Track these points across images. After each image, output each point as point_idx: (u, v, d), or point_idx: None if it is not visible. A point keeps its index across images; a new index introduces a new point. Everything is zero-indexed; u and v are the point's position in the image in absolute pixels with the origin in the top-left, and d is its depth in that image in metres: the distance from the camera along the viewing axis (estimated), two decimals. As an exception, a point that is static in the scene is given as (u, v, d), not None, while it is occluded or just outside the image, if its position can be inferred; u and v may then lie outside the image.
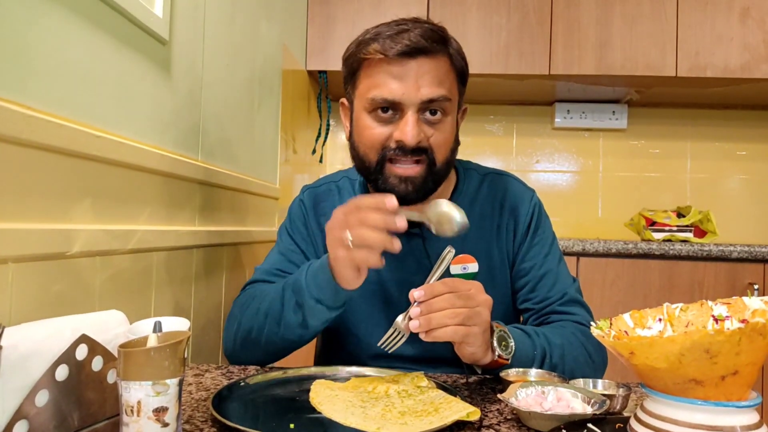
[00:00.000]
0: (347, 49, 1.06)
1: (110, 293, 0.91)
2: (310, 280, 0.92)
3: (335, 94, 2.68)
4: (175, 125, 1.15)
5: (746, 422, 0.54)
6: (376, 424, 0.71)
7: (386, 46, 0.96)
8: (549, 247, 1.11)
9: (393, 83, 0.96)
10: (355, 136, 1.04)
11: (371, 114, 0.99)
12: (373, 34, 1.00)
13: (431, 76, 0.96)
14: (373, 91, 0.97)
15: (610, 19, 2.31)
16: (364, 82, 1.00)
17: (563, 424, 0.68)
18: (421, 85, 0.96)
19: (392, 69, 0.96)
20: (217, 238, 1.34)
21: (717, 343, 0.52)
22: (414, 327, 0.84)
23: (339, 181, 1.19)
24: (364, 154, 1.01)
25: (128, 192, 0.97)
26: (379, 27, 1.01)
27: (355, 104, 1.03)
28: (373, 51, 0.97)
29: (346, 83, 1.07)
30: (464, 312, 0.84)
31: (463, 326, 0.84)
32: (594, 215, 2.71)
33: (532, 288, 1.09)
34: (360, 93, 1.01)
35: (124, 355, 0.57)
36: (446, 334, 0.83)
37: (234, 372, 0.97)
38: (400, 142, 0.96)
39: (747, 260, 2.01)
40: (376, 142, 0.99)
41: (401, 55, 0.95)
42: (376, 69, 0.98)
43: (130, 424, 0.57)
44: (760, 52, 2.27)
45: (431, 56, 0.97)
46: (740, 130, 2.70)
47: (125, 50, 0.97)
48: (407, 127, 0.96)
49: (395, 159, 0.98)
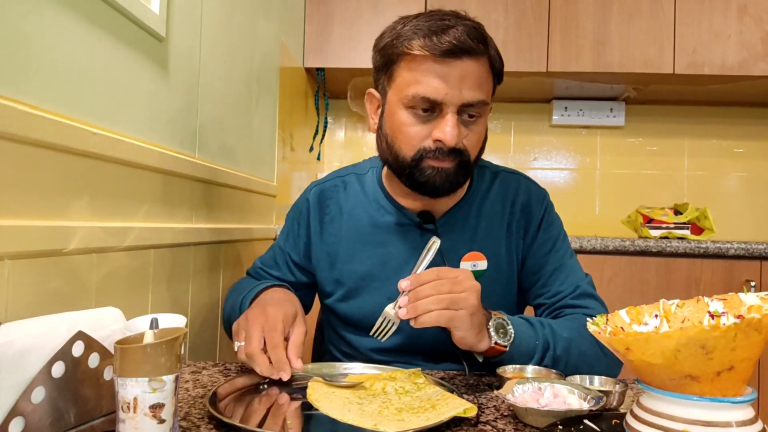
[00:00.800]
0: (381, 37, 1.04)
1: (107, 290, 0.91)
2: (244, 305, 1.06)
3: (333, 92, 2.68)
4: (172, 122, 1.15)
5: (741, 417, 0.54)
6: (373, 420, 0.71)
7: (432, 43, 0.94)
8: (561, 243, 1.13)
9: (436, 82, 0.95)
10: (388, 129, 1.03)
11: (409, 110, 0.98)
12: (414, 27, 0.97)
13: (473, 79, 0.96)
14: (415, 88, 0.96)
15: (607, 17, 2.31)
16: (404, 76, 0.98)
17: (559, 420, 0.68)
18: (462, 87, 0.95)
19: (436, 67, 0.95)
20: (215, 236, 1.34)
21: (713, 338, 0.52)
22: (402, 314, 0.86)
23: (346, 177, 1.19)
24: (399, 149, 1.01)
25: (125, 189, 0.97)
26: (418, 19, 0.99)
27: (390, 97, 1.02)
28: (418, 47, 0.95)
29: (378, 73, 1.05)
30: (449, 297, 0.85)
31: (448, 310, 0.85)
32: (591, 212, 2.71)
33: (544, 283, 1.10)
34: (398, 87, 0.99)
35: (121, 351, 0.57)
36: (432, 319, 0.85)
37: (231, 369, 0.97)
38: (440, 142, 0.97)
39: (744, 257, 2.01)
40: (413, 139, 0.99)
41: (447, 54, 0.94)
42: (419, 65, 0.96)
43: (126, 421, 0.57)
44: (758, 50, 2.27)
45: (474, 58, 0.96)
46: (738, 127, 2.71)
47: (122, 47, 0.97)
48: (447, 127, 0.95)
49: (432, 158, 0.98)
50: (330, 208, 1.16)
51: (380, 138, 1.06)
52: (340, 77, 2.48)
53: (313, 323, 1.38)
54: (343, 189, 1.17)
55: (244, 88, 1.60)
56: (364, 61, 2.34)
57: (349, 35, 2.35)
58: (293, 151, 2.20)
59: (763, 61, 2.27)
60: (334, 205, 1.16)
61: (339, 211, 1.15)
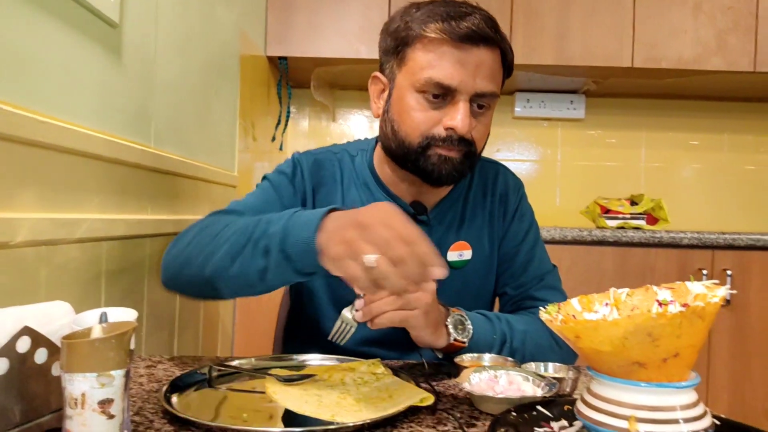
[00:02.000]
0: (391, 20, 1.02)
1: (57, 284, 0.89)
2: (292, 232, 0.76)
3: (296, 81, 2.65)
4: (125, 111, 1.12)
5: (686, 402, 0.55)
6: (330, 411, 0.71)
7: (450, 27, 0.92)
8: (531, 234, 1.14)
9: (452, 68, 0.93)
10: (395, 114, 1.00)
11: (420, 95, 0.96)
12: (430, 12, 0.95)
13: (487, 69, 0.95)
14: (429, 72, 0.94)
15: (569, 10, 2.34)
16: (417, 59, 0.96)
17: (513, 406, 0.69)
18: (477, 76, 0.94)
19: (453, 52, 0.93)
20: (172, 227, 1.32)
21: (659, 326, 0.53)
22: (358, 317, 0.86)
23: (338, 153, 1.13)
24: (406, 135, 0.98)
25: (76, 179, 0.94)
26: (434, 4, 0.97)
27: (399, 80, 0.99)
28: (435, 30, 0.93)
29: (387, 56, 1.02)
30: (404, 298, 0.85)
31: (402, 311, 0.85)
32: (552, 203, 2.76)
33: (512, 273, 1.12)
34: (410, 70, 0.97)
35: (68, 346, 0.55)
36: (387, 320, 0.85)
37: (187, 363, 0.95)
38: (451, 130, 0.95)
39: (697, 247, 2.08)
40: (422, 125, 0.96)
41: (465, 39, 0.92)
42: (435, 48, 0.94)
43: (74, 417, 0.55)
44: (711, 46, 2.34)
45: (490, 47, 0.95)
46: (693, 120, 2.78)
47: (72, 33, 0.93)
48: (460, 115, 0.94)
49: (440, 146, 0.96)
50: (325, 179, 1.09)
51: (385, 123, 1.02)
52: (303, 66, 2.45)
53: (272, 313, 1.37)
54: (338, 164, 1.11)
55: (203, 76, 1.57)
56: (328, 50, 2.32)
57: (312, 24, 2.32)
58: (255, 141, 2.17)
59: (716, 56, 2.34)
60: (329, 177, 1.09)
61: (334, 185, 1.09)
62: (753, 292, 2.08)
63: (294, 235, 0.76)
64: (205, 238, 0.87)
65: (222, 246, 0.83)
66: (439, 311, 0.91)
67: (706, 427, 0.55)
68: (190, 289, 0.93)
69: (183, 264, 0.89)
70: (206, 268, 0.84)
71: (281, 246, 0.77)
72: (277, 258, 0.77)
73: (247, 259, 0.80)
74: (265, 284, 0.81)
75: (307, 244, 0.74)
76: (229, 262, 0.82)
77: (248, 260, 0.80)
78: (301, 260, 0.76)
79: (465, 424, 0.69)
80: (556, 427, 0.65)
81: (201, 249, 0.86)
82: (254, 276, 0.80)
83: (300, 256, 0.75)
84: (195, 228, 0.93)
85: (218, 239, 0.85)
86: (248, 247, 0.80)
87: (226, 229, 0.85)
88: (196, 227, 0.94)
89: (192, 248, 0.89)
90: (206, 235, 0.88)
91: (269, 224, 0.80)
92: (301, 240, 0.75)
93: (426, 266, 0.67)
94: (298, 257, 0.76)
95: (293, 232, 0.76)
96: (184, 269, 0.89)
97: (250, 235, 0.81)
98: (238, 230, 0.83)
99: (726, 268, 2.06)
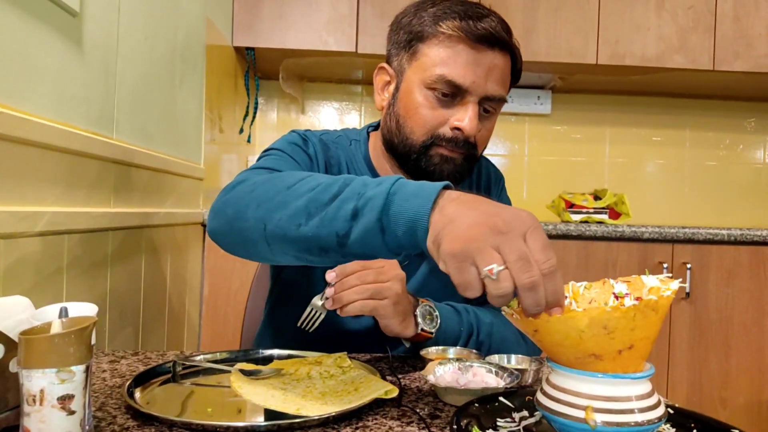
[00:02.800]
0: (404, 13, 1.00)
1: (16, 278, 0.87)
2: (396, 199, 0.63)
3: (264, 72, 2.62)
4: (86, 102, 1.10)
5: (640, 392, 0.57)
6: (295, 405, 0.71)
7: (468, 26, 0.91)
8: None
9: (465, 68, 0.92)
10: (401, 109, 0.99)
11: (430, 91, 0.95)
12: (447, 8, 0.94)
13: (499, 73, 0.95)
14: (442, 69, 0.93)
15: (535, 6, 2.37)
16: (430, 55, 0.94)
17: (476, 398, 0.70)
18: (489, 79, 0.93)
19: (468, 52, 0.92)
20: (136, 220, 1.30)
21: (614, 319, 0.55)
22: (328, 305, 0.86)
23: (336, 139, 1.09)
24: (411, 131, 0.97)
25: (35, 171, 0.92)
26: (450, 2, 0.96)
27: (409, 75, 0.98)
28: (453, 27, 0.92)
29: (398, 49, 1.00)
30: (373, 287, 0.86)
31: (372, 300, 0.85)
32: (519, 197, 2.80)
33: None
34: (422, 65, 0.95)
35: (26, 342, 0.54)
36: (356, 309, 0.85)
37: (151, 358, 0.94)
38: (458, 131, 0.94)
39: (657, 240, 2.13)
40: (429, 122, 0.95)
41: (481, 40, 0.92)
42: (451, 45, 0.93)
43: (32, 414, 0.54)
44: (673, 43, 2.39)
45: (504, 52, 0.95)
46: (656, 116, 2.85)
47: (30, 21, 0.91)
48: (468, 116, 0.93)
49: (444, 146, 0.95)
50: (333, 159, 1.05)
51: (389, 117, 1.01)
52: (271, 57, 2.43)
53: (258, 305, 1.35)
54: (340, 148, 1.08)
55: (167, 66, 1.55)
56: (297, 41, 2.30)
57: (280, 14, 2.30)
58: (222, 132, 2.14)
59: (678, 54, 2.39)
60: (335, 159, 1.06)
61: (340, 168, 1.06)
62: (711, 284, 2.15)
63: (399, 204, 0.62)
64: (273, 188, 0.73)
65: (297, 199, 0.69)
66: (408, 301, 0.92)
67: (660, 416, 0.57)
68: (239, 242, 0.78)
69: (239, 213, 0.75)
70: (269, 222, 0.71)
71: (380, 213, 0.63)
72: (368, 224, 0.64)
73: (328, 219, 0.66)
74: (340, 253, 0.68)
75: (415, 219, 0.61)
76: (303, 219, 0.68)
77: (328, 221, 0.66)
78: (399, 235, 0.63)
79: (428, 416, 0.70)
80: (518, 417, 0.66)
81: (267, 199, 0.72)
82: (331, 240, 0.66)
83: (399, 229, 0.62)
84: (255, 177, 0.79)
85: (293, 191, 0.71)
86: (333, 205, 0.66)
87: (302, 182, 0.71)
88: (256, 177, 0.79)
89: (254, 196, 0.74)
90: (275, 184, 0.74)
91: (366, 186, 0.66)
92: (409, 211, 0.62)
93: (550, 302, 0.56)
94: (399, 229, 0.62)
95: (398, 200, 0.63)
96: (239, 219, 0.75)
97: (337, 193, 0.67)
98: (321, 186, 0.69)
99: (686, 262, 2.12)
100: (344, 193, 0.67)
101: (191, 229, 1.77)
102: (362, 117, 2.79)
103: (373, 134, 1.10)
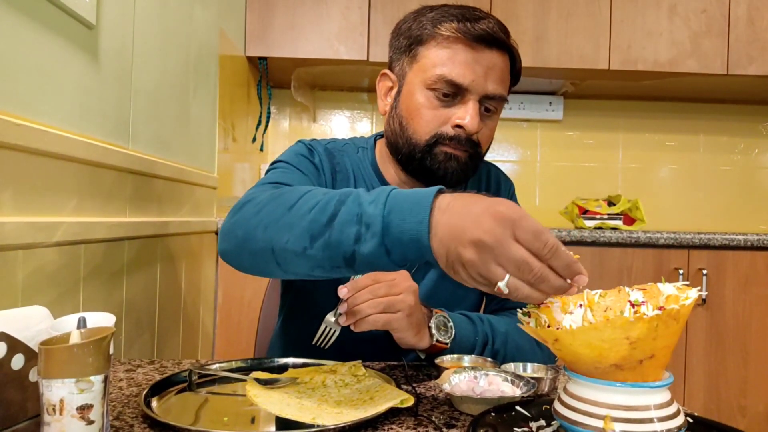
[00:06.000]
0: (404, 20, 1.03)
1: (34, 288, 0.87)
2: (394, 217, 0.64)
3: (276, 81, 2.64)
4: (102, 113, 1.11)
5: (660, 401, 0.57)
6: (311, 414, 0.71)
7: (465, 27, 0.93)
8: None
9: (464, 67, 0.94)
10: (403, 111, 1.00)
11: (431, 92, 0.96)
12: (444, 12, 0.96)
13: (498, 72, 0.96)
14: (441, 69, 0.94)
15: (546, 13, 2.37)
16: (430, 56, 0.97)
17: (492, 407, 0.70)
18: (488, 78, 0.95)
19: (467, 52, 0.94)
20: (151, 230, 1.31)
21: (636, 329, 0.54)
22: (342, 321, 0.86)
23: (343, 147, 1.11)
24: (414, 131, 0.98)
25: (53, 182, 0.93)
26: (447, 7, 0.98)
27: (410, 78, 1.00)
28: (450, 29, 0.94)
29: (398, 54, 1.03)
30: (386, 300, 0.85)
31: (385, 314, 0.85)
32: (532, 204, 2.79)
33: None
34: (422, 67, 0.97)
35: (45, 352, 0.55)
36: (369, 324, 0.85)
37: (167, 367, 0.95)
38: (460, 128, 0.95)
39: (673, 246, 2.11)
40: (431, 122, 0.97)
41: (479, 40, 0.93)
42: (449, 46, 0.95)
43: (52, 424, 0.55)
44: (686, 48, 2.38)
45: (502, 52, 0.96)
46: (669, 121, 2.83)
47: (48, 34, 0.92)
48: (469, 113, 0.94)
49: (447, 144, 0.97)
50: (340, 166, 1.07)
51: (393, 119, 1.03)
52: (283, 67, 2.45)
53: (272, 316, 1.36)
54: (345, 156, 1.10)
55: (181, 76, 1.56)
56: (308, 50, 2.31)
57: (292, 24, 2.32)
58: (235, 141, 2.16)
59: (690, 59, 2.38)
60: (342, 166, 1.07)
61: (346, 174, 1.07)
62: (728, 291, 2.12)
63: (397, 225, 0.64)
64: (277, 209, 0.74)
65: (300, 220, 0.71)
66: (421, 312, 0.92)
67: (679, 425, 0.56)
68: (251, 264, 0.80)
69: (247, 235, 0.76)
70: (277, 245, 0.72)
71: (381, 237, 0.65)
72: (372, 248, 0.65)
73: (333, 243, 0.68)
74: (349, 270, 0.70)
75: (416, 238, 0.63)
76: (308, 242, 0.69)
77: (334, 245, 0.68)
78: (404, 252, 0.65)
79: (444, 425, 0.70)
80: (535, 426, 0.66)
81: (272, 221, 0.74)
82: (338, 261, 0.68)
83: (403, 248, 0.64)
84: (261, 195, 0.80)
85: (295, 212, 0.72)
86: (334, 228, 0.68)
87: (302, 201, 0.73)
88: (262, 195, 0.80)
89: (260, 218, 0.75)
90: (278, 204, 0.75)
91: (360, 205, 0.67)
92: (409, 231, 0.63)
93: (567, 278, 0.59)
94: (403, 248, 0.64)
95: (395, 220, 0.64)
96: (249, 242, 0.76)
97: (334, 213, 0.68)
98: (319, 205, 0.70)
99: (702, 268, 2.10)
100: (341, 214, 0.68)
101: (205, 237, 1.78)
102: (373, 124, 2.80)
103: (379, 142, 1.12)
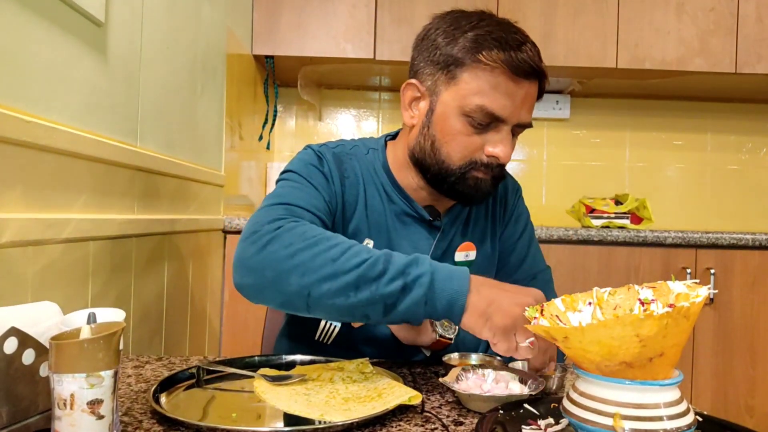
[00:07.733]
0: (435, 28, 0.98)
1: (44, 284, 0.88)
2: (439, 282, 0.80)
3: (283, 80, 2.64)
4: (111, 110, 1.12)
5: (669, 399, 0.56)
6: (319, 410, 0.72)
7: (510, 59, 0.91)
8: (527, 235, 1.17)
9: (505, 99, 0.92)
10: (437, 132, 0.98)
11: (466, 118, 0.94)
12: (488, 35, 0.92)
13: (531, 101, 0.96)
14: (482, 99, 0.92)
15: (553, 12, 2.36)
16: (471, 83, 0.93)
17: (500, 405, 0.70)
18: (523, 108, 0.95)
19: (509, 84, 0.92)
20: (158, 227, 1.31)
21: (646, 327, 0.54)
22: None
23: (351, 150, 1.08)
24: (448, 155, 0.97)
25: (62, 179, 0.94)
26: (485, 23, 0.95)
27: (445, 98, 0.96)
28: (496, 59, 0.91)
29: (432, 67, 0.98)
30: None
31: None
32: (538, 203, 2.78)
33: (505, 271, 1.13)
34: (461, 92, 0.94)
35: (56, 347, 0.55)
36: None
37: (175, 363, 0.95)
38: (494, 158, 0.96)
39: (680, 246, 2.10)
40: (467, 149, 0.96)
41: (521, 73, 0.92)
42: (491, 77, 0.92)
43: (62, 418, 0.55)
44: (694, 46, 2.37)
45: (537, 80, 0.95)
46: (677, 120, 2.81)
47: (57, 32, 0.93)
48: (504, 144, 0.95)
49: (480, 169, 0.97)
50: (348, 172, 1.05)
51: (424, 138, 1.00)
52: (290, 65, 2.45)
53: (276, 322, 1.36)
54: (354, 159, 1.07)
55: (189, 75, 1.57)
56: (315, 49, 2.31)
57: (299, 23, 2.32)
58: (242, 140, 2.16)
59: (698, 57, 2.37)
60: (350, 171, 1.05)
61: (356, 178, 1.05)
62: (735, 290, 2.11)
63: (441, 283, 0.80)
64: (318, 259, 0.81)
65: (346, 274, 0.79)
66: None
67: (689, 423, 0.56)
68: (275, 301, 0.84)
69: (279, 277, 0.81)
70: (315, 291, 0.80)
71: (427, 290, 0.79)
72: (416, 297, 0.79)
73: (379, 293, 0.79)
74: (381, 319, 0.82)
75: (455, 298, 0.79)
76: (353, 292, 0.79)
77: (380, 295, 0.79)
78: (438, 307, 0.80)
79: (452, 423, 0.70)
80: (543, 424, 0.66)
81: (312, 269, 0.80)
82: (378, 309, 0.80)
83: (440, 303, 0.80)
84: (286, 234, 0.84)
85: (340, 266, 0.80)
86: (382, 281, 0.79)
87: (346, 257, 0.81)
88: (287, 234, 0.84)
89: (297, 264, 0.81)
90: (316, 254, 0.81)
91: (408, 266, 0.80)
92: (450, 291, 0.80)
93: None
94: (440, 304, 0.80)
95: (439, 280, 0.80)
96: (280, 284, 0.81)
97: (383, 270, 0.80)
98: (367, 263, 0.80)
99: (709, 267, 2.09)
100: (390, 272, 0.80)
101: (213, 235, 1.79)
102: (380, 123, 2.79)
103: (391, 143, 1.10)
